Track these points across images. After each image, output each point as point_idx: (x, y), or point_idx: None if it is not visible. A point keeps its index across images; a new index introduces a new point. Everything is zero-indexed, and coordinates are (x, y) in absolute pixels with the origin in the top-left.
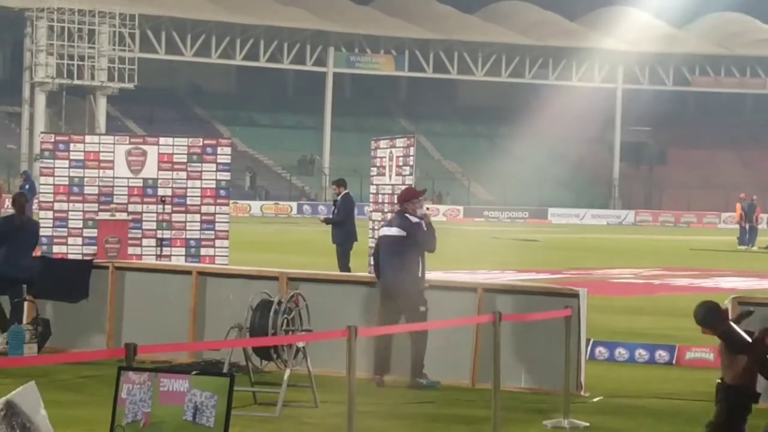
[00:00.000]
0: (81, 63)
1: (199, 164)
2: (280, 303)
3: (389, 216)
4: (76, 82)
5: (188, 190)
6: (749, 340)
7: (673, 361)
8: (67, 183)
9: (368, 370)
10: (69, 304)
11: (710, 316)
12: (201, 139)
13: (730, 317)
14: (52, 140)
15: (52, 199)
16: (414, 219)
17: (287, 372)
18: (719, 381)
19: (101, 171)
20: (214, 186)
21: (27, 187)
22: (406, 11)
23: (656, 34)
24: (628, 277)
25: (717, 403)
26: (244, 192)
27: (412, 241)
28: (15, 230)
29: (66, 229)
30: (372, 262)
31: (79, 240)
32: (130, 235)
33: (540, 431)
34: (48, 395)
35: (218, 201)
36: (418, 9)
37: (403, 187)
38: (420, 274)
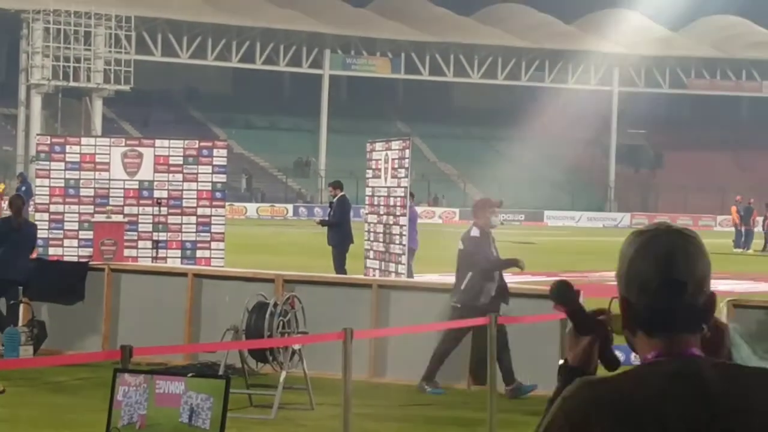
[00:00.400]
0: (77, 65)
1: (195, 166)
2: (275, 305)
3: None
4: (72, 84)
5: (184, 192)
6: (596, 320)
7: None
8: (63, 185)
9: (363, 372)
10: (65, 306)
11: (565, 293)
12: (197, 142)
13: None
14: (48, 142)
15: (47, 201)
16: (474, 233)
17: (283, 374)
18: (562, 362)
19: (97, 173)
20: (209, 188)
21: (23, 189)
22: (401, 13)
23: (652, 36)
24: None
25: (558, 381)
26: (240, 194)
27: (465, 255)
28: (12, 232)
29: (62, 231)
30: None
31: (75, 242)
32: (126, 237)
33: None
34: (43, 398)
35: (214, 203)
36: (413, 11)
37: (398, 190)
38: (470, 290)
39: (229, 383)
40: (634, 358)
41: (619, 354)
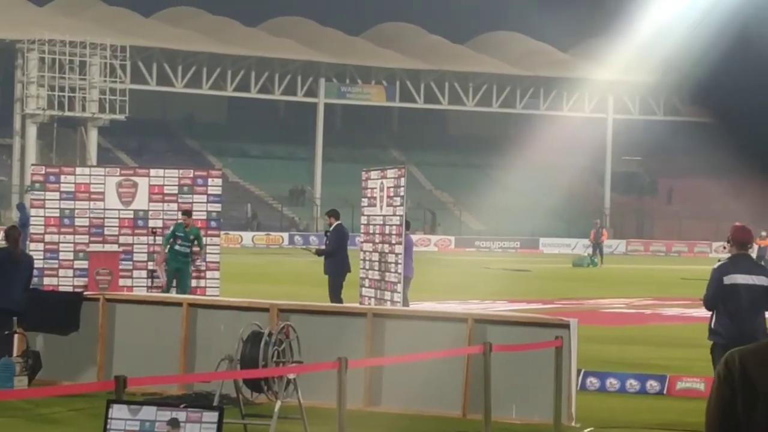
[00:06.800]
0: (72, 95)
1: (190, 195)
2: (270, 334)
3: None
4: (67, 113)
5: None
6: None
7: (665, 391)
8: (57, 215)
9: (358, 401)
10: (60, 336)
11: None
12: (192, 171)
13: None
14: (43, 172)
15: (42, 231)
16: None
17: (278, 404)
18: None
19: (92, 203)
20: (205, 217)
21: (19, 216)
22: (396, 42)
23: (646, 64)
24: (619, 307)
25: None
26: (235, 223)
27: None
28: (10, 263)
29: (57, 261)
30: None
31: (70, 272)
32: (120, 267)
33: None
34: (38, 429)
35: (209, 232)
36: (408, 40)
37: (394, 218)
38: None
39: (223, 414)
40: (609, 386)
41: (594, 380)
